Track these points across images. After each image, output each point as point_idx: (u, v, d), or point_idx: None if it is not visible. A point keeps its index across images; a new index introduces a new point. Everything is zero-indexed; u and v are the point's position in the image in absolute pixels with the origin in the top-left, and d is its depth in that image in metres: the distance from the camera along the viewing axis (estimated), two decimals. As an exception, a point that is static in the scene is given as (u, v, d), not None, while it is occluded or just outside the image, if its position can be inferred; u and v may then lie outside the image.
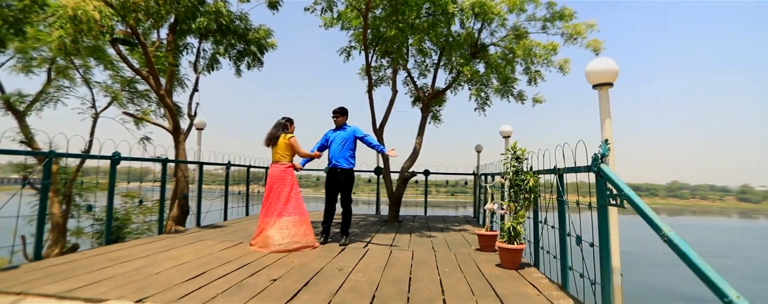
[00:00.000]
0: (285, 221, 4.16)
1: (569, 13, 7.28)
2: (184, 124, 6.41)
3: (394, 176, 7.58)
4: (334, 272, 3.27)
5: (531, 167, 3.73)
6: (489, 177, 6.46)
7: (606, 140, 2.34)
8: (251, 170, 7.47)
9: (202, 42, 7.69)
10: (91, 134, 7.96)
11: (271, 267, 3.36)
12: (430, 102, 7.79)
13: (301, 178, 8.21)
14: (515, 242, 3.57)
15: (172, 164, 5.55)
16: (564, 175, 3.05)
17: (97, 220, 7.08)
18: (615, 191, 2.11)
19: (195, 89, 6.92)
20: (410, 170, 7.44)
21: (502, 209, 4.41)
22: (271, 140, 4.43)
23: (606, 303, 2.25)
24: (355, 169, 5.31)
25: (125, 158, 4.27)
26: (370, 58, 6.61)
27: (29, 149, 7.19)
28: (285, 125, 4.52)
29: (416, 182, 8.83)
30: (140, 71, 5.87)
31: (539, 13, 7.44)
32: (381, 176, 8.63)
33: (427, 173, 8.84)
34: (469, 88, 7.57)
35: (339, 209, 5.06)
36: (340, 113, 5.25)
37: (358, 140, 5.07)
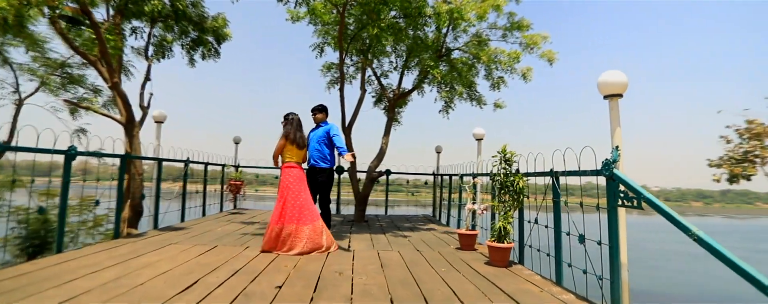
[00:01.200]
0: (321, 223, 4.15)
1: (526, 24, 7.73)
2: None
3: (361, 176, 7.54)
4: (335, 275, 3.17)
5: (517, 170, 3.90)
6: (457, 178, 6.67)
7: (616, 147, 2.54)
8: (207, 167, 6.95)
9: (153, 27, 7.01)
10: (14, 122, 6.86)
11: (267, 272, 3.16)
12: (396, 102, 7.84)
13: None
14: (505, 241, 3.73)
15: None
16: (559, 177, 3.24)
17: (20, 223, 6.09)
18: (631, 194, 2.30)
19: (147, 78, 6.26)
20: (377, 170, 7.44)
21: (476, 206, 4.61)
22: (305, 142, 4.31)
23: (615, 295, 2.44)
24: (334, 168, 5.20)
25: (81, 153, 3.75)
26: (343, 56, 6.47)
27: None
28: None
29: (378, 181, 8.84)
30: (87, 55, 5.18)
31: (500, 22, 7.84)
32: (341, 176, 8.52)
33: (388, 172, 8.89)
34: (438, 91, 7.74)
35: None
36: (319, 110, 5.11)
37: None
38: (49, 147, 3.45)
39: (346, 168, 7.92)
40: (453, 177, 7.14)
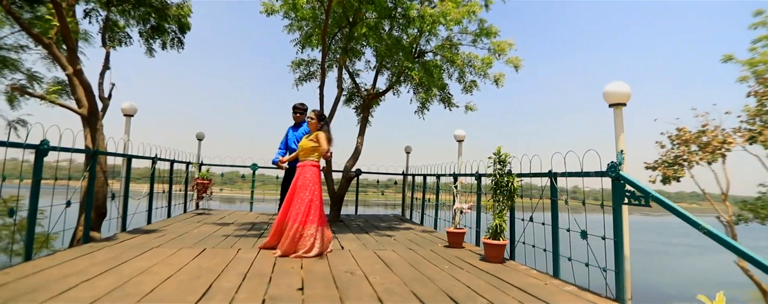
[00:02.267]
0: None
1: (495, 31, 8.09)
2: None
3: (336, 176, 7.47)
4: (348, 275, 3.14)
5: (509, 171, 4.11)
6: (431, 178, 6.84)
7: (621, 151, 2.80)
8: (173, 166, 6.48)
9: (109, 10, 6.41)
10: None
11: (278, 275, 3.05)
12: (370, 102, 7.86)
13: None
14: (500, 238, 3.92)
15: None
16: (557, 178, 3.49)
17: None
18: (638, 193, 2.55)
19: (106, 67, 5.71)
20: (354, 169, 7.42)
21: (463, 205, 4.79)
22: None
23: (620, 284, 2.69)
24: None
25: (55, 149, 3.34)
26: (326, 53, 6.37)
27: None
28: None
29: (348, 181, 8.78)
30: (41, 38, 4.61)
31: (471, 27, 8.15)
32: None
33: (359, 172, 8.88)
34: (415, 93, 7.87)
35: None
36: (303, 110, 5.08)
37: None
38: (26, 142, 3.05)
39: None
40: (428, 177, 7.32)
